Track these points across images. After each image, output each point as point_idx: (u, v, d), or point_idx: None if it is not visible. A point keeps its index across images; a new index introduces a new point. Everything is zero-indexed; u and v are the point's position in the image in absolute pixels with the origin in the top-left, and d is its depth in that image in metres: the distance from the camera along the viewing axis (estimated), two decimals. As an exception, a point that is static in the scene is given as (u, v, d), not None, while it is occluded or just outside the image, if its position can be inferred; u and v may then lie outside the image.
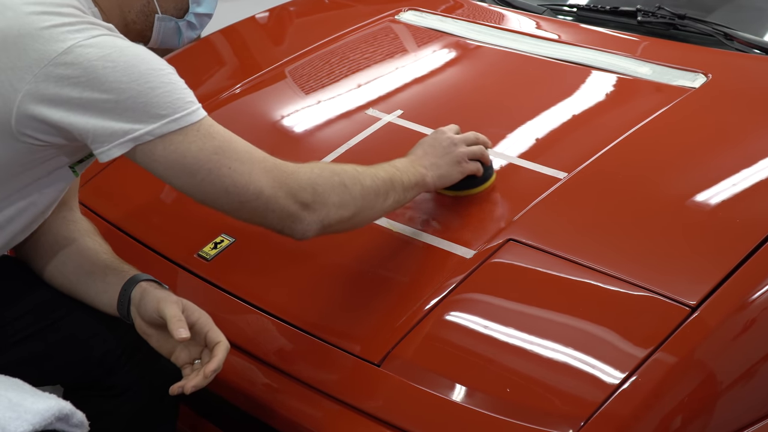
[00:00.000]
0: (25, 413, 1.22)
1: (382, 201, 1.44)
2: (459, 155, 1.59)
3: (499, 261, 1.50)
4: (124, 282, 1.45)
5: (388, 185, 1.45)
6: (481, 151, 1.63)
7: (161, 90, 1.26)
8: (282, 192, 1.32)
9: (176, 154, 1.28)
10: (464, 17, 2.34)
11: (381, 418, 1.35)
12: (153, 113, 1.26)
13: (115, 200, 1.88)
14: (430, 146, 1.59)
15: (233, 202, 1.31)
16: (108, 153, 1.27)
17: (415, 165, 1.54)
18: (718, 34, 2.10)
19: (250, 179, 1.30)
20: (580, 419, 1.25)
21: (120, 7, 1.43)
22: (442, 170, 1.57)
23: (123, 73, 1.24)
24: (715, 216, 1.56)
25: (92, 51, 1.24)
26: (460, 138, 1.62)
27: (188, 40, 1.56)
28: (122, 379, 1.53)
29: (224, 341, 1.36)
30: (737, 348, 1.40)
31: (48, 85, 1.24)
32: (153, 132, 1.26)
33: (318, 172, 1.37)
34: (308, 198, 1.34)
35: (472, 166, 1.61)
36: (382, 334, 1.44)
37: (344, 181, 1.39)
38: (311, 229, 1.36)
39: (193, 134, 1.28)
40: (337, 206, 1.37)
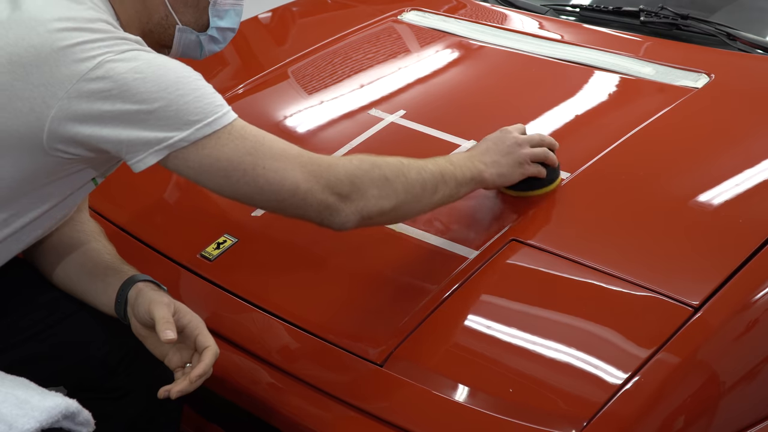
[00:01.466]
0: (32, 410, 1.22)
1: (430, 194, 1.44)
2: (522, 156, 1.57)
3: (502, 261, 1.50)
4: (122, 282, 1.45)
5: (438, 178, 1.44)
6: (545, 154, 1.60)
7: (191, 96, 1.28)
8: (318, 185, 1.32)
9: (210, 158, 1.29)
10: (467, 17, 2.34)
11: (383, 419, 1.35)
12: (185, 120, 1.27)
13: (118, 202, 1.88)
14: (493, 143, 1.58)
15: (270, 200, 1.33)
16: (144, 161, 1.29)
17: (474, 160, 1.53)
18: (721, 35, 2.10)
19: (285, 176, 1.31)
20: (582, 419, 1.25)
21: (139, 17, 1.43)
22: (502, 169, 1.55)
23: (153, 83, 1.26)
24: (718, 216, 1.56)
25: (121, 65, 1.26)
26: (525, 139, 1.60)
27: (210, 53, 1.55)
28: (125, 381, 1.53)
29: (213, 346, 1.36)
30: (740, 348, 1.40)
31: (80, 101, 1.25)
32: (187, 138, 1.27)
33: (357, 164, 1.37)
34: (346, 189, 1.34)
35: (533, 169, 1.59)
36: (385, 335, 1.44)
37: (385, 173, 1.38)
38: (350, 220, 1.36)
39: (226, 137, 1.29)
40: (377, 198, 1.37)
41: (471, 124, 1.86)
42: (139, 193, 1.88)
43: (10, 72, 1.25)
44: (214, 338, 1.39)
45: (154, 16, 1.45)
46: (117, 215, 1.84)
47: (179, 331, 1.36)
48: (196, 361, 1.36)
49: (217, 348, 1.37)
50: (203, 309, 1.58)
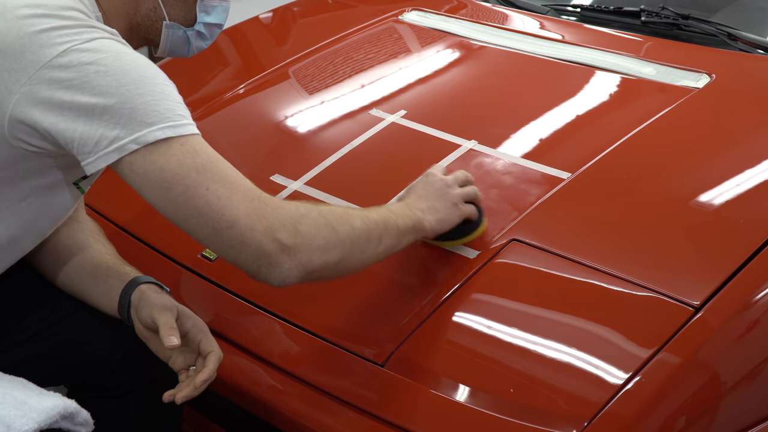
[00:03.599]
0: (31, 411, 1.22)
1: (375, 246, 1.35)
2: (454, 197, 1.50)
3: (502, 261, 1.50)
4: (125, 284, 1.45)
5: (381, 228, 1.36)
6: (475, 192, 1.55)
7: (150, 98, 1.23)
8: (260, 226, 1.22)
9: (155, 165, 1.22)
10: (468, 17, 2.34)
11: (384, 419, 1.35)
12: (139, 120, 1.21)
13: (119, 201, 1.88)
14: (423, 189, 1.50)
15: (206, 227, 1.23)
16: (94, 164, 1.23)
17: (411, 208, 1.45)
18: (722, 35, 2.10)
19: (227, 204, 1.22)
20: (583, 419, 1.25)
21: (126, 9, 1.41)
22: (440, 214, 1.47)
23: (114, 77, 1.21)
24: (719, 216, 1.56)
25: (87, 55, 1.22)
26: (452, 179, 1.53)
27: (198, 50, 1.53)
28: (125, 380, 1.53)
29: (217, 350, 1.36)
30: (741, 348, 1.40)
31: (41, 88, 1.22)
32: (137, 140, 1.21)
33: (304, 212, 1.28)
34: (288, 238, 1.24)
35: (468, 209, 1.52)
36: (386, 335, 1.44)
37: (331, 222, 1.29)
38: (291, 275, 1.25)
39: (177, 147, 1.23)
40: (322, 250, 1.27)
41: (472, 124, 1.86)
42: (139, 193, 1.88)
43: None
44: (215, 340, 1.39)
45: (142, 8, 1.43)
46: (117, 215, 1.84)
47: (182, 335, 1.35)
48: (200, 365, 1.36)
49: (221, 352, 1.36)
50: (204, 309, 1.58)
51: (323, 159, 1.80)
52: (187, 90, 2.19)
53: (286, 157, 1.86)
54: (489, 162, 1.73)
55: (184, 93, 2.16)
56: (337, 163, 1.79)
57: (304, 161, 1.81)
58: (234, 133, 2.00)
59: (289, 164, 1.82)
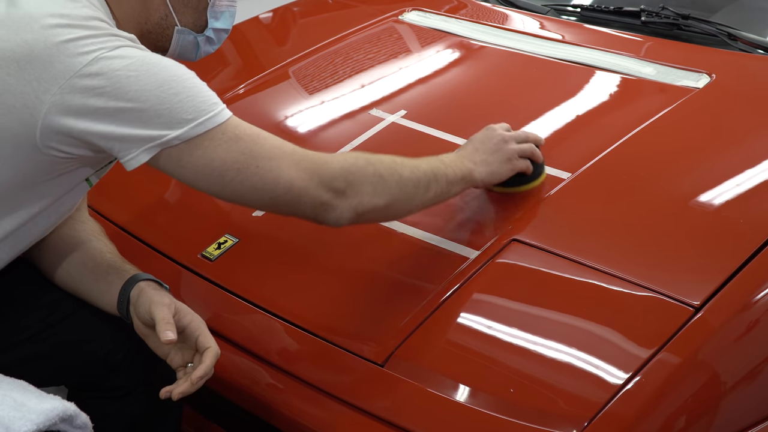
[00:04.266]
0: (29, 413, 1.22)
1: (423, 193, 1.44)
2: (509, 152, 1.58)
3: (502, 261, 1.50)
4: (124, 281, 1.45)
5: (430, 177, 1.44)
6: (532, 149, 1.61)
7: (185, 95, 1.27)
8: (313, 182, 1.32)
9: (204, 158, 1.29)
10: (468, 17, 2.34)
11: (384, 419, 1.35)
12: (179, 118, 1.26)
13: (119, 201, 1.88)
14: (480, 142, 1.58)
15: (264, 198, 1.33)
16: (136, 159, 1.28)
17: (464, 160, 1.53)
18: (722, 35, 2.10)
19: (279, 174, 1.31)
20: (583, 419, 1.25)
21: (137, 17, 1.43)
22: (492, 167, 1.56)
23: (146, 81, 1.25)
24: (719, 216, 1.56)
25: (116, 62, 1.25)
26: (510, 135, 1.60)
27: (205, 54, 1.55)
28: (126, 380, 1.53)
29: (214, 347, 1.36)
30: (741, 348, 1.40)
31: (73, 97, 1.24)
32: (180, 137, 1.27)
33: (352, 161, 1.37)
34: (341, 186, 1.34)
35: (521, 164, 1.60)
36: (386, 335, 1.44)
37: (379, 170, 1.38)
38: (344, 216, 1.36)
39: (220, 136, 1.29)
40: (371, 195, 1.37)
41: (472, 124, 1.85)
42: (139, 193, 1.88)
43: (3, 68, 1.25)
44: (214, 338, 1.39)
45: (154, 16, 1.44)
46: (117, 215, 1.84)
47: (180, 331, 1.36)
48: (198, 361, 1.36)
49: (218, 349, 1.37)
50: (204, 309, 1.58)
51: (324, 158, 1.80)
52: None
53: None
54: (489, 162, 1.73)
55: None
56: (337, 163, 1.79)
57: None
58: (234, 133, 2.00)
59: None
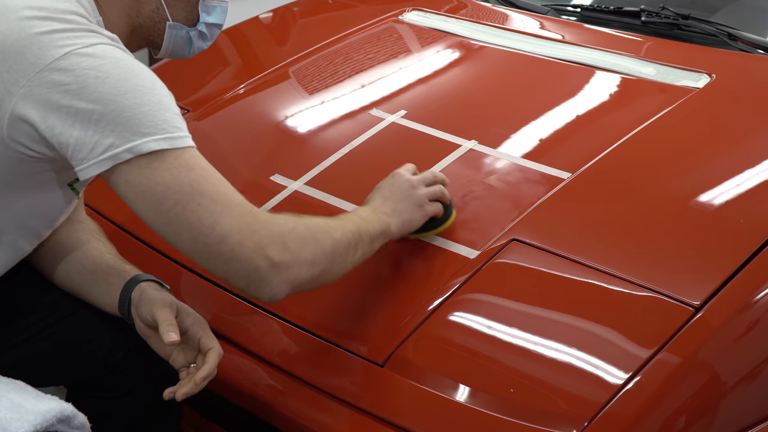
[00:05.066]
0: (27, 414, 1.22)
1: (353, 254, 1.37)
2: (419, 198, 1.51)
3: (502, 261, 1.50)
4: (125, 282, 1.45)
5: (357, 237, 1.37)
6: (441, 191, 1.56)
7: (148, 108, 1.22)
8: (251, 242, 1.23)
9: (149, 180, 1.22)
10: (468, 17, 2.34)
11: (384, 419, 1.35)
12: (135, 130, 1.21)
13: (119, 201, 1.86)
14: (389, 191, 1.51)
15: (196, 242, 1.24)
16: (87, 170, 1.24)
17: (378, 213, 1.46)
18: (722, 35, 2.10)
19: (219, 220, 1.22)
20: (583, 419, 1.25)
21: (128, 11, 1.41)
22: (404, 216, 1.49)
23: (113, 85, 1.21)
24: (719, 216, 1.56)
25: (87, 60, 1.22)
26: (418, 179, 1.54)
27: (198, 50, 1.53)
28: (125, 380, 1.53)
29: (217, 347, 1.36)
30: (741, 348, 1.40)
31: (41, 90, 1.22)
32: (132, 149, 1.21)
33: (291, 227, 1.29)
34: (277, 254, 1.25)
35: (433, 208, 1.54)
36: (386, 335, 1.44)
37: (316, 235, 1.31)
38: (280, 290, 1.27)
39: (171, 161, 1.23)
40: (309, 264, 1.28)
41: (472, 124, 1.86)
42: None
43: None
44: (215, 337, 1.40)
45: (144, 9, 1.42)
46: (117, 215, 1.84)
47: (182, 332, 1.35)
48: (201, 362, 1.36)
49: (221, 349, 1.37)
50: (204, 309, 1.58)
51: (323, 159, 1.80)
52: (187, 90, 2.21)
53: (286, 157, 1.86)
54: (489, 162, 1.73)
55: (184, 93, 2.18)
56: (337, 163, 1.79)
57: (304, 161, 1.81)
58: (234, 133, 2.00)
59: (289, 164, 1.82)
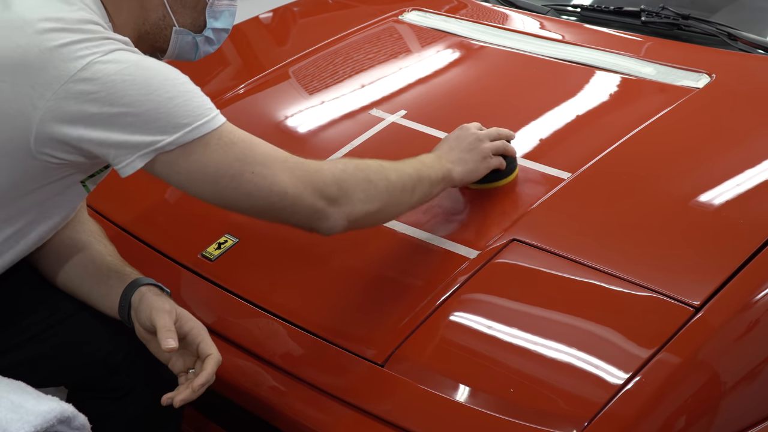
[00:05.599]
0: (27, 415, 1.22)
1: (409, 195, 1.46)
2: (484, 150, 1.61)
3: (503, 261, 1.50)
4: (125, 286, 1.45)
5: (415, 180, 1.46)
6: (504, 146, 1.65)
7: (180, 100, 1.27)
8: (307, 190, 1.33)
9: (198, 163, 1.28)
10: (468, 17, 2.34)
11: (384, 419, 1.35)
12: (174, 123, 1.26)
13: (119, 202, 1.88)
14: (455, 141, 1.61)
15: (258, 205, 1.33)
16: (131, 165, 1.28)
17: (442, 160, 1.55)
18: (722, 35, 2.10)
19: (273, 181, 1.31)
20: (583, 419, 1.25)
21: (135, 19, 1.42)
22: (468, 165, 1.59)
23: (141, 86, 1.25)
24: (719, 216, 1.56)
25: (110, 66, 1.24)
26: (483, 134, 1.63)
27: (204, 54, 1.55)
28: (126, 381, 1.53)
29: (215, 354, 1.36)
30: (741, 348, 1.40)
31: (68, 102, 1.23)
32: (175, 142, 1.26)
33: (342, 168, 1.38)
34: (334, 193, 1.35)
35: (496, 161, 1.63)
36: (386, 335, 1.44)
37: (369, 176, 1.40)
38: (338, 224, 1.37)
39: (215, 142, 1.29)
40: (363, 201, 1.38)
41: (472, 124, 1.86)
42: (139, 193, 1.88)
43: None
44: (214, 338, 1.39)
45: (151, 17, 1.43)
46: (117, 215, 1.84)
47: (181, 338, 1.36)
48: (199, 368, 1.36)
49: (220, 356, 1.37)
50: (204, 309, 1.58)
51: (323, 159, 1.80)
52: (187, 90, 2.19)
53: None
54: (489, 162, 1.73)
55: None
56: (337, 163, 1.79)
57: (305, 161, 1.81)
58: (234, 133, 2.00)
59: (289, 164, 1.81)
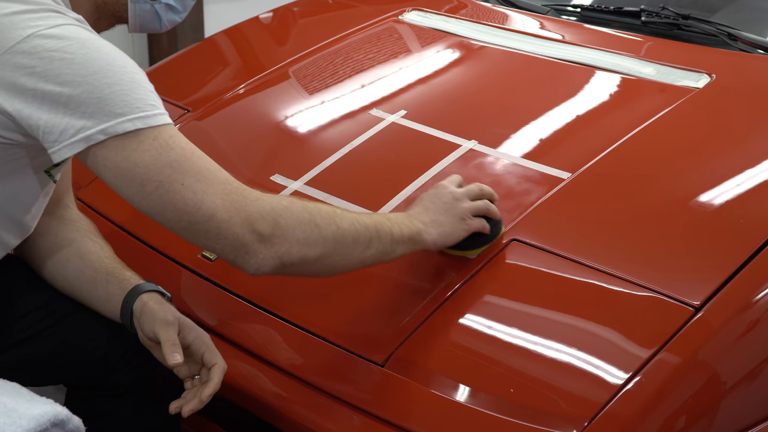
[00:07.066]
0: (20, 419, 1.22)
1: (362, 249, 1.32)
2: (462, 211, 1.46)
3: (502, 261, 1.50)
4: (126, 293, 1.44)
5: (372, 233, 1.33)
6: (486, 206, 1.50)
7: (120, 87, 1.19)
8: (238, 218, 1.21)
9: (128, 161, 1.20)
10: (468, 17, 2.34)
11: (384, 419, 1.35)
12: (107, 111, 1.18)
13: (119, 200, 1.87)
14: (430, 202, 1.47)
15: (182, 221, 1.23)
16: (60, 152, 1.21)
17: (413, 219, 1.42)
18: (722, 35, 2.10)
19: (204, 198, 1.21)
20: (583, 419, 1.25)
21: None
22: (444, 228, 1.44)
23: (80, 66, 1.18)
24: (719, 216, 1.56)
25: (51, 42, 1.20)
26: (462, 192, 1.49)
27: (171, 23, 1.49)
28: (125, 379, 1.53)
29: (221, 363, 1.36)
30: (741, 348, 1.40)
31: (5, 73, 1.19)
32: (106, 131, 1.19)
33: (286, 204, 1.27)
34: (267, 229, 1.23)
35: (476, 223, 1.48)
36: (386, 335, 1.44)
37: (315, 219, 1.28)
38: (267, 264, 1.25)
39: (149, 142, 1.20)
40: (302, 243, 1.26)
41: (472, 124, 1.86)
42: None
43: None
44: (214, 339, 1.40)
45: None
46: (117, 214, 1.84)
47: (185, 347, 1.35)
48: (205, 376, 1.36)
49: (225, 364, 1.36)
50: (203, 310, 1.58)
51: (323, 159, 1.80)
52: (187, 90, 2.20)
53: (286, 157, 1.86)
54: (489, 162, 1.73)
55: (184, 93, 2.18)
56: (337, 163, 1.79)
57: (304, 161, 1.81)
58: (234, 133, 2.00)
59: (289, 164, 1.82)
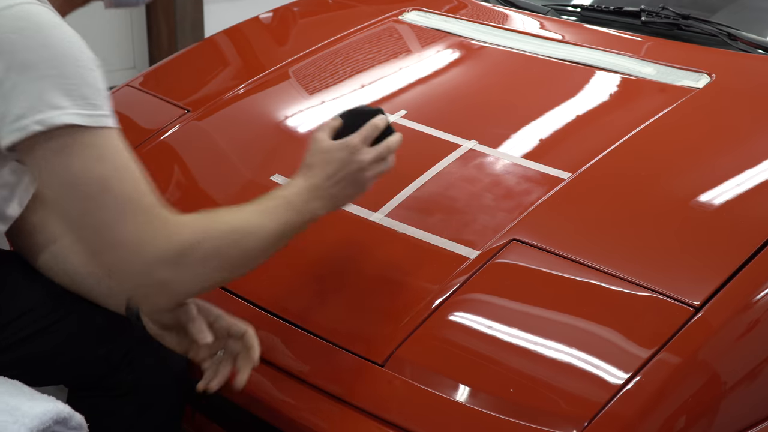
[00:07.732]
0: (23, 417, 1.22)
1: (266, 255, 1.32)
2: (365, 181, 1.41)
3: (502, 261, 1.50)
4: None
5: (279, 237, 1.31)
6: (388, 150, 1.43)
7: (65, 80, 1.14)
8: (140, 259, 1.17)
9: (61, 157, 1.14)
10: (468, 17, 2.34)
11: (384, 418, 1.35)
12: (47, 101, 1.13)
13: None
14: (336, 169, 1.38)
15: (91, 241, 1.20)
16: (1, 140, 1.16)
17: (310, 202, 1.35)
18: (722, 35, 2.10)
19: (115, 226, 1.16)
20: (583, 419, 1.25)
21: None
22: (337, 201, 1.39)
23: (30, 51, 1.14)
24: (719, 216, 1.56)
25: (6, 22, 1.15)
26: (370, 159, 1.40)
27: None
28: (126, 378, 1.53)
29: (250, 329, 1.37)
30: (741, 348, 1.40)
31: None
32: (43, 121, 1.12)
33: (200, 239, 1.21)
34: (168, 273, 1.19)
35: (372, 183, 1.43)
36: (386, 335, 1.44)
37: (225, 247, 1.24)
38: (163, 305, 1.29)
39: (85, 141, 1.14)
40: (204, 280, 1.25)
41: (472, 124, 1.86)
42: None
43: None
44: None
45: None
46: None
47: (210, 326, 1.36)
48: (234, 345, 1.37)
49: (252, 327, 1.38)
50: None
51: (323, 159, 1.80)
52: (187, 90, 2.20)
53: (286, 157, 1.86)
54: (489, 162, 1.73)
55: (184, 93, 2.18)
56: (337, 163, 1.79)
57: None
58: (234, 133, 2.00)
59: (289, 164, 1.81)
